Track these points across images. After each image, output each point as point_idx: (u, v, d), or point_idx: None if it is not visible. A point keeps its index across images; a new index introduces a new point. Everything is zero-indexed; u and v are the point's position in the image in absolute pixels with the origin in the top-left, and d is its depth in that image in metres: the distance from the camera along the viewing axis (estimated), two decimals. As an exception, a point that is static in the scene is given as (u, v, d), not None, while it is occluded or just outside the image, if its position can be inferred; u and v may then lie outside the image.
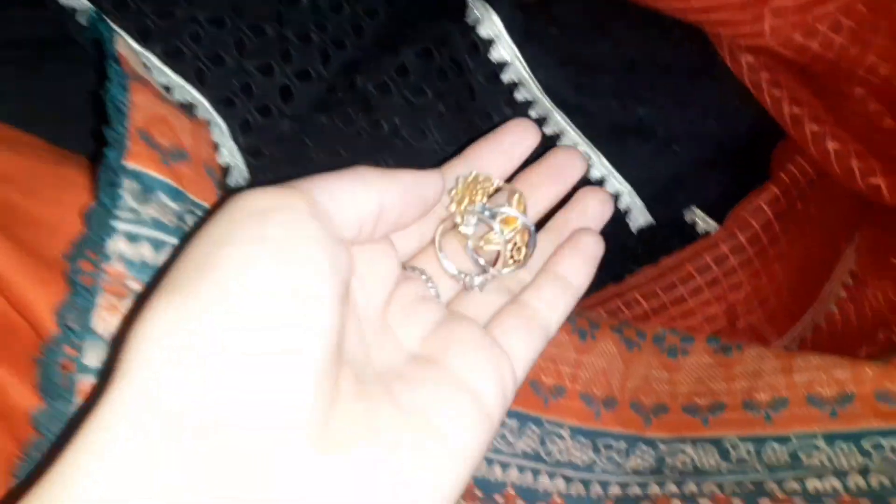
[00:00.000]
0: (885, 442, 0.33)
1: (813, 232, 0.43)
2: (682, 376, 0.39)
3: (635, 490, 0.37)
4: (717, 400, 0.37)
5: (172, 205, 0.26)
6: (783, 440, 0.35)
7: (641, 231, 0.42)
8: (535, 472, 0.36)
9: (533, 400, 0.37)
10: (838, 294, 0.44)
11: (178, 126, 0.28)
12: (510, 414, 0.36)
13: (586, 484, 0.37)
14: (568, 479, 0.37)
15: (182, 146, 0.27)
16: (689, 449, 0.37)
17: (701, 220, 0.44)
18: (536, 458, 0.37)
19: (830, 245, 0.44)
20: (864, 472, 0.33)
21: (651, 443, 0.38)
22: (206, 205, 0.28)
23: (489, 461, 0.36)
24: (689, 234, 0.44)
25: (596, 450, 0.37)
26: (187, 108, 0.34)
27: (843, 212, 0.44)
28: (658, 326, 0.40)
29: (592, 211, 0.29)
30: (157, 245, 0.25)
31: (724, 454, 0.37)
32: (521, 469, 0.36)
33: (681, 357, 0.39)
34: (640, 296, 0.43)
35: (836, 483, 0.34)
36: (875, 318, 0.43)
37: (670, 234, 0.43)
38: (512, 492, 0.36)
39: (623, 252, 0.43)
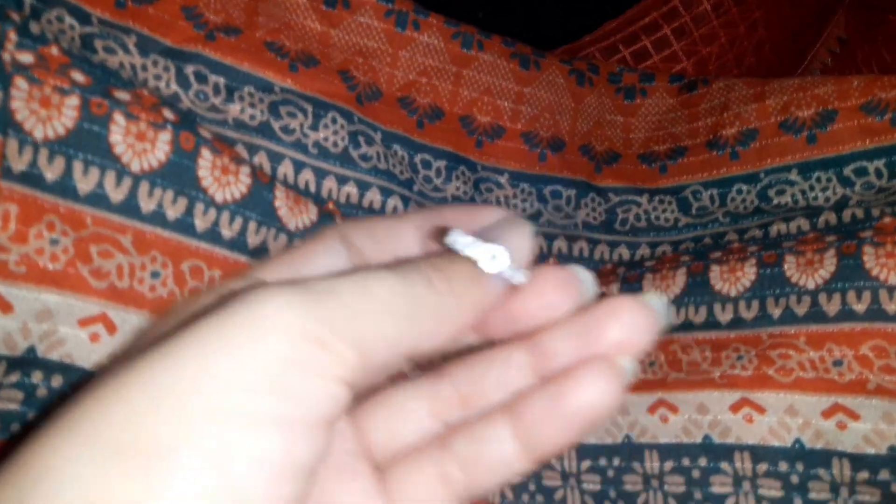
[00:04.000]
0: (869, 165, 0.28)
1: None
2: (639, 121, 0.33)
3: (581, 245, 0.32)
4: (677, 144, 0.32)
5: None
6: (751, 178, 0.30)
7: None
8: None
9: (464, 141, 0.31)
10: (824, 61, 0.39)
11: None
12: (436, 153, 0.31)
13: None
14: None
15: None
16: (643, 201, 0.32)
17: (672, -29, 0.38)
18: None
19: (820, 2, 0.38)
20: (840, 206, 0.28)
21: (602, 192, 0.33)
22: None
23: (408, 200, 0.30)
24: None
25: (542, 199, 0.32)
26: None
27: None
28: (614, 64, 0.34)
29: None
30: None
31: (684, 205, 0.32)
32: None
33: (639, 98, 0.33)
34: (598, 52, 0.37)
35: (804, 223, 0.28)
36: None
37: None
38: None
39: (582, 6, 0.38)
